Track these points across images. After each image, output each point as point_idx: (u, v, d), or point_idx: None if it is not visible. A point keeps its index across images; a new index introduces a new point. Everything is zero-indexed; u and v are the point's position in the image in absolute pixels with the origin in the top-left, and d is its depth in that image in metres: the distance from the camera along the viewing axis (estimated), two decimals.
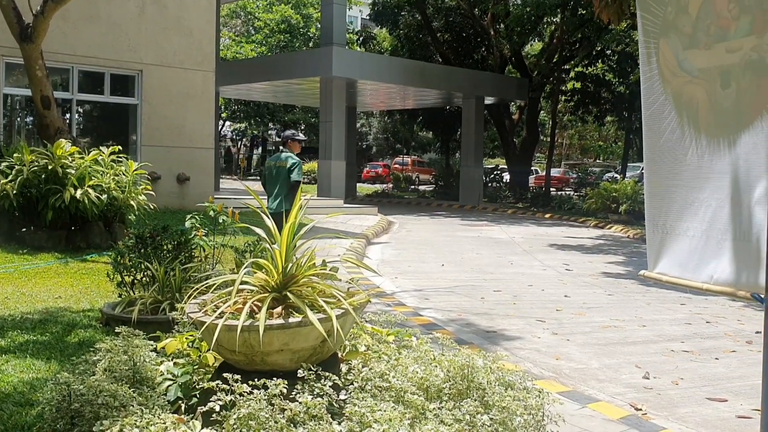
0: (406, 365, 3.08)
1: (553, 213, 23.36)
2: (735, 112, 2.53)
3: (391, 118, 41.93)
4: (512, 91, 27.26)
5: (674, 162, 2.85)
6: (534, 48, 34.00)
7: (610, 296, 9.03)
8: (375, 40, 34.67)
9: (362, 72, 22.45)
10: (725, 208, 2.58)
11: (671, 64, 2.82)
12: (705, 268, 2.67)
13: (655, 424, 4.45)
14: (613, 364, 5.92)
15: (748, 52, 2.45)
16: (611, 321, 7.54)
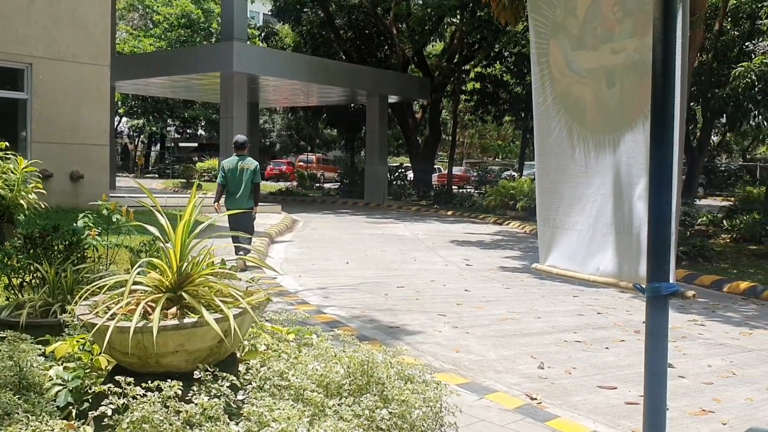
0: (305, 363, 3.07)
1: (455, 210, 23.82)
2: (619, 112, 2.65)
3: (295, 115, 41.61)
4: (415, 90, 27.59)
5: (563, 159, 2.95)
6: (435, 48, 34.53)
7: (508, 290, 9.29)
8: (277, 36, 34.34)
9: (264, 68, 22.18)
10: (609, 203, 2.69)
11: (560, 64, 2.92)
12: (592, 260, 2.78)
13: (548, 413, 4.61)
14: (510, 355, 6.09)
15: (632, 53, 2.57)
16: (509, 314, 7.75)
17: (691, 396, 5.13)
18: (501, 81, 29.20)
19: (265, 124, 49.54)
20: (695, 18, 12.12)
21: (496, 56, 28.05)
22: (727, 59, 17.67)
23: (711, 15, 16.82)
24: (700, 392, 5.23)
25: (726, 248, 13.53)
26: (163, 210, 3.43)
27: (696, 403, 4.97)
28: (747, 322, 7.77)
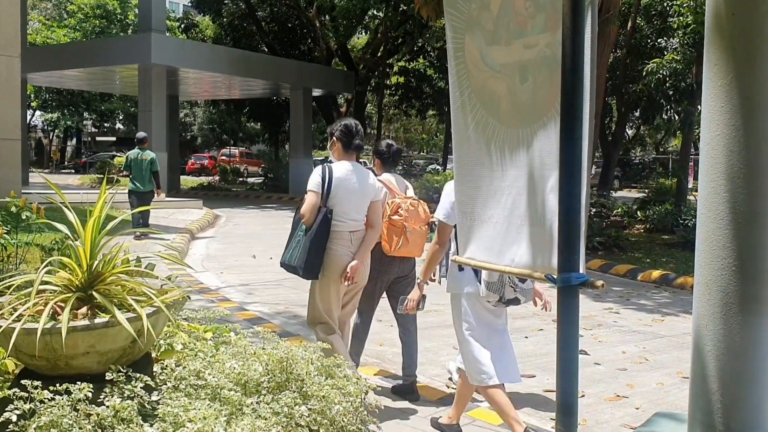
0: (223, 362, 3.01)
1: None
2: (532, 106, 2.69)
3: (217, 109, 40.90)
4: (339, 83, 27.53)
5: (479, 153, 2.99)
6: (360, 42, 34.54)
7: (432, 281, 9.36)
8: (197, 27, 33.64)
9: (184, 60, 21.69)
10: (524, 196, 2.73)
11: (476, 59, 2.95)
12: (507, 252, 2.82)
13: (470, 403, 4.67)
14: (433, 347, 6.15)
15: (543, 49, 2.61)
16: (433, 305, 7.76)
17: (606, 382, 5.30)
18: (424, 75, 29.45)
19: (186, 118, 48.51)
20: (610, 15, 12.51)
21: (419, 51, 28.27)
22: (641, 55, 18.29)
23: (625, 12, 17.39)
24: (615, 378, 5.40)
25: (640, 238, 14.03)
26: (80, 206, 3.31)
27: (611, 389, 5.13)
28: (659, 309, 8.08)
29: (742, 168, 1.77)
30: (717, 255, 1.80)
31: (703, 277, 1.84)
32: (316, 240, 4.29)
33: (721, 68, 1.79)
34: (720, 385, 1.80)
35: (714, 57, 1.81)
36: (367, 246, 4.49)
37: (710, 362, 1.82)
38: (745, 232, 1.77)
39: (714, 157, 1.81)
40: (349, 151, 4.49)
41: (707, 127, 1.83)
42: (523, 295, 3.87)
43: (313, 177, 4.40)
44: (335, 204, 4.35)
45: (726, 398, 1.79)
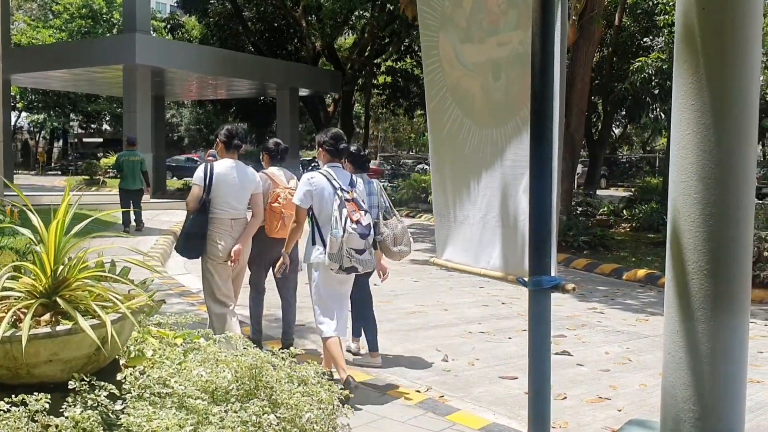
0: (190, 369, 2.93)
1: None
2: (504, 105, 2.64)
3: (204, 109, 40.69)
4: (326, 83, 27.41)
5: (455, 153, 2.93)
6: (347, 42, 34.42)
7: (416, 282, 9.32)
8: (184, 28, 33.41)
9: (169, 60, 21.52)
10: (498, 197, 2.68)
11: (450, 57, 2.89)
12: (482, 254, 2.76)
13: (450, 406, 4.62)
14: (416, 348, 6.09)
15: (516, 46, 2.55)
16: (416, 307, 7.77)
17: (588, 384, 5.25)
18: (412, 75, 29.36)
19: (172, 118, 48.24)
20: (594, 14, 12.48)
21: (406, 50, 28.18)
22: (627, 54, 18.30)
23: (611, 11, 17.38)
24: (598, 380, 5.36)
25: (626, 237, 14.02)
26: None
27: (593, 391, 5.08)
28: (644, 309, 8.05)
29: (714, 168, 1.71)
30: (688, 257, 1.74)
31: (674, 281, 1.78)
32: (194, 225, 5.08)
33: (690, 65, 1.73)
34: (692, 393, 1.74)
35: (684, 53, 1.75)
36: (248, 232, 5.23)
37: (681, 369, 1.76)
38: (717, 233, 1.71)
39: (684, 157, 1.75)
40: (230, 151, 5.24)
41: (677, 126, 1.77)
42: (360, 264, 4.64)
43: (197, 173, 5.13)
44: (217, 195, 5.06)
45: (698, 406, 1.73)
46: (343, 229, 4.52)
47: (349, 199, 4.63)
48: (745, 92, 1.72)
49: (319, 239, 4.72)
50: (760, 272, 8.74)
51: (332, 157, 4.92)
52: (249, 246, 5.29)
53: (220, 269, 5.15)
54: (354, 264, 4.59)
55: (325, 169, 4.83)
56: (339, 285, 4.85)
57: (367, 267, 4.78)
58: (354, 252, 4.56)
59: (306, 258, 4.86)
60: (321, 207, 4.70)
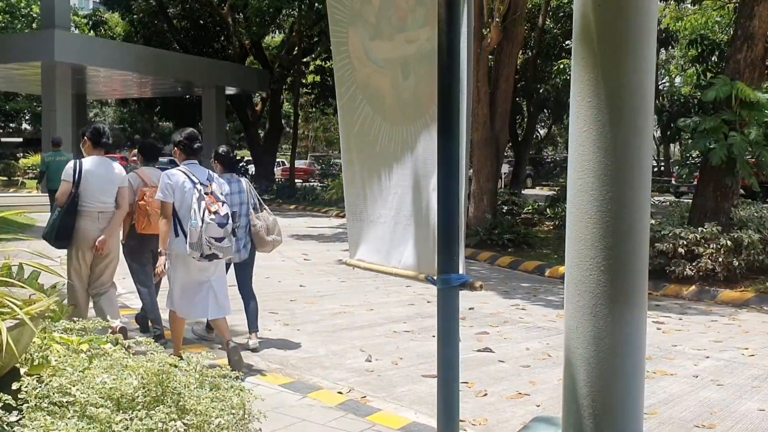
0: (94, 376, 2.81)
1: (298, 204, 23.66)
2: (414, 103, 2.61)
3: (128, 108, 39.65)
4: (253, 82, 27.09)
5: (367, 151, 2.89)
6: (275, 40, 34.07)
7: (343, 283, 9.27)
8: (106, 24, 32.45)
9: (91, 58, 20.89)
10: (409, 195, 2.65)
11: (360, 53, 2.85)
12: (394, 252, 2.74)
13: (371, 407, 4.58)
14: (340, 350, 6.04)
15: (424, 43, 2.53)
16: (342, 307, 7.72)
17: (509, 380, 5.30)
18: None
19: (96, 117, 46.84)
20: (517, 16, 12.69)
21: None
22: (550, 56, 18.70)
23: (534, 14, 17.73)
24: (518, 375, 5.42)
25: (549, 235, 14.31)
26: None
27: (513, 387, 5.14)
28: None
29: (610, 165, 1.72)
30: (586, 254, 1.75)
31: (573, 278, 1.78)
32: (63, 218, 5.46)
33: (588, 62, 1.74)
34: (591, 389, 1.75)
35: (581, 50, 1.76)
36: (114, 224, 5.64)
37: (581, 365, 1.77)
38: (613, 229, 1.73)
39: (582, 154, 1.76)
40: (98, 148, 5.66)
41: (575, 122, 1.77)
42: (220, 251, 5.06)
43: (66, 169, 5.51)
44: (85, 189, 5.47)
45: (597, 402, 1.74)
46: (202, 220, 4.96)
47: (208, 193, 5.10)
48: (640, 90, 1.73)
49: (180, 230, 5.16)
50: (676, 268, 9.05)
51: (188, 155, 5.38)
52: (116, 237, 5.78)
53: (81, 257, 5.58)
54: (214, 251, 5.02)
55: (182, 166, 5.30)
56: (199, 272, 5.20)
57: (228, 253, 5.22)
58: (214, 240, 4.99)
59: (170, 248, 5.22)
60: (182, 201, 5.14)
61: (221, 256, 5.14)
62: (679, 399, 4.90)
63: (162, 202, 5.17)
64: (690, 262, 9.00)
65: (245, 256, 6.06)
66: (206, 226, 4.94)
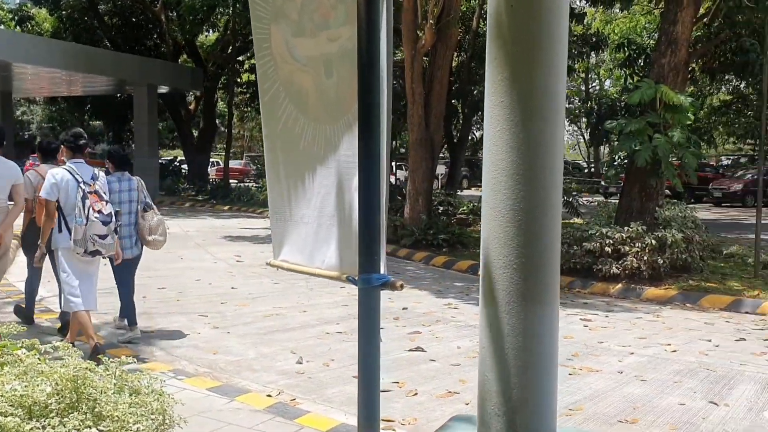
0: (4, 383, 2.69)
1: (233, 205, 23.33)
2: (337, 101, 2.59)
3: (57, 106, 38.43)
4: (186, 80, 26.58)
5: (290, 150, 2.86)
6: (210, 38, 33.52)
7: (276, 285, 9.17)
8: (33, 20, 31.35)
9: (17, 54, 20.12)
10: (332, 195, 2.63)
11: (282, 50, 2.82)
12: (317, 253, 2.71)
13: (301, 409, 4.54)
14: (270, 352, 5.97)
15: (345, 42, 2.51)
16: (274, 309, 7.64)
17: (439, 379, 5.33)
18: None
19: (23, 116, 45.28)
20: (450, 18, 12.80)
21: None
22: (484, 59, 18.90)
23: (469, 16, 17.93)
24: (449, 374, 5.45)
25: None
26: None
27: (443, 386, 5.17)
28: None
29: (522, 165, 1.74)
30: (499, 252, 1.76)
31: (486, 277, 1.80)
32: None
33: (500, 62, 1.75)
34: (504, 387, 1.76)
35: (494, 51, 1.77)
36: (9, 220, 5.62)
37: (494, 363, 1.78)
38: (526, 228, 1.74)
39: (495, 154, 1.77)
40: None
41: (488, 123, 1.78)
42: (103, 248, 5.37)
43: None
44: None
45: (510, 400, 1.76)
46: (86, 218, 5.22)
47: (92, 191, 5.31)
48: (552, 91, 1.76)
49: (65, 227, 5.36)
50: (603, 266, 9.27)
51: (74, 153, 5.56)
52: (10, 232, 5.78)
53: None
54: (97, 248, 5.32)
55: (68, 164, 5.44)
56: (85, 266, 5.48)
57: (110, 250, 5.50)
58: (97, 237, 5.29)
59: (54, 244, 5.45)
60: (66, 198, 5.32)
61: (104, 253, 5.45)
62: (604, 395, 5.01)
63: (46, 200, 5.34)
64: (616, 260, 9.23)
65: (137, 252, 6.25)
66: (90, 224, 5.23)
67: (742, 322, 7.59)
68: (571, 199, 14.19)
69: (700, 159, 13.20)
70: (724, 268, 10.20)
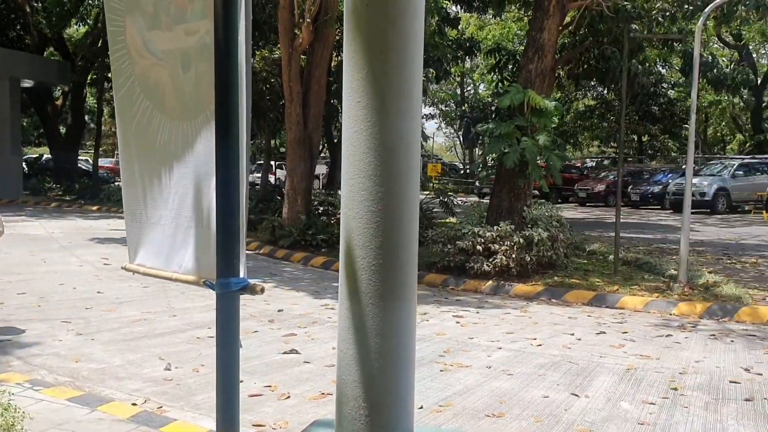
0: None
1: (102, 205, 22.31)
2: (195, 98, 2.49)
3: None
4: (52, 74, 25.20)
5: (146, 148, 2.72)
6: (80, 32, 31.90)
7: (146, 288, 8.82)
8: None
9: None
10: (190, 195, 2.53)
11: (138, 44, 2.68)
12: (175, 256, 2.60)
13: (167, 417, 4.37)
14: (137, 359, 5.72)
15: (203, 36, 2.42)
16: (142, 314, 7.34)
17: (313, 381, 5.29)
18: None
19: None
20: (328, 18, 12.78)
21: None
22: None
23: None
24: (323, 376, 5.42)
25: None
26: None
27: (317, 387, 5.13)
28: None
29: (379, 166, 1.72)
30: (357, 254, 1.74)
31: (346, 279, 1.77)
32: None
33: (357, 61, 1.73)
34: (362, 390, 1.74)
35: (351, 49, 1.75)
36: None
37: (352, 366, 1.76)
38: (383, 229, 1.73)
39: (353, 155, 1.75)
40: None
41: (346, 122, 1.76)
42: None
43: None
44: None
45: (368, 402, 1.74)
46: None
47: None
48: (408, 91, 1.75)
49: None
50: (475, 264, 9.53)
51: None
52: None
53: None
54: None
55: None
56: None
57: None
58: None
59: None
60: None
61: None
62: (473, 390, 5.13)
63: None
64: (487, 258, 9.52)
65: None
66: None
67: (602, 316, 8.00)
68: (447, 200, 14.51)
69: (565, 161, 13.84)
70: (587, 265, 10.73)
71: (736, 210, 25.33)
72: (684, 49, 17.05)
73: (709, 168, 27.45)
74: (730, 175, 25.43)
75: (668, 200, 25.96)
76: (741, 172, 25.75)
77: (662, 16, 12.51)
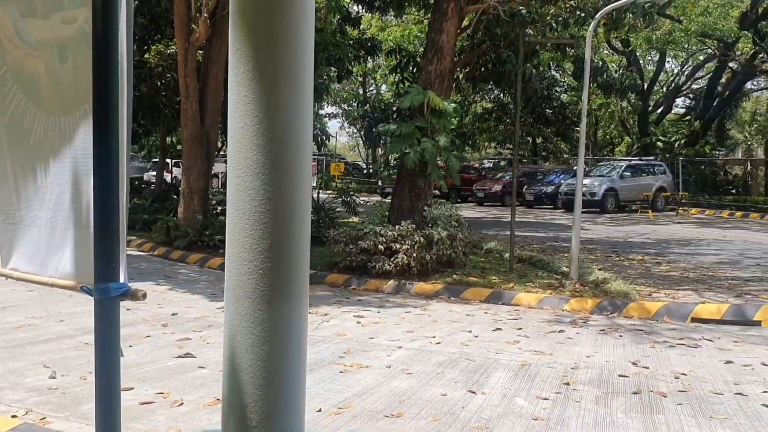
0: None
1: None
2: (73, 90, 2.33)
3: None
4: None
5: (20, 144, 2.54)
6: None
7: (31, 292, 8.34)
8: None
9: None
10: (68, 193, 2.37)
11: (10, 33, 2.49)
12: (51, 260, 2.43)
13: (50, 429, 4.13)
14: (19, 367, 5.39)
15: (82, 24, 2.27)
16: (27, 319, 6.94)
17: (208, 386, 5.12)
18: None
19: None
20: (226, 13, 12.46)
21: None
22: None
23: None
24: (218, 381, 5.25)
25: None
26: None
27: (212, 393, 4.97)
28: None
29: (267, 163, 1.65)
30: (245, 257, 1.66)
31: (232, 283, 1.69)
32: None
33: (243, 53, 1.65)
34: (250, 399, 1.66)
35: (237, 40, 1.66)
36: None
37: (240, 375, 1.67)
38: (273, 230, 1.66)
39: (239, 151, 1.66)
40: None
41: (232, 119, 1.68)
42: None
43: None
44: None
45: (256, 412, 1.67)
46: None
47: None
48: (298, 86, 1.68)
49: None
50: (376, 263, 9.54)
51: None
52: None
53: None
54: None
55: None
56: None
57: None
58: None
59: None
60: None
61: None
62: (373, 390, 5.11)
63: None
64: (389, 257, 9.55)
65: None
66: None
67: (498, 312, 8.17)
68: (350, 199, 14.48)
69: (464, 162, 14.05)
70: (484, 263, 10.96)
71: (624, 209, 26.57)
72: (576, 54, 17.71)
73: (599, 169, 28.68)
74: (618, 176, 26.64)
75: (560, 200, 26.92)
76: (628, 173, 27.02)
77: (556, 21, 12.92)
